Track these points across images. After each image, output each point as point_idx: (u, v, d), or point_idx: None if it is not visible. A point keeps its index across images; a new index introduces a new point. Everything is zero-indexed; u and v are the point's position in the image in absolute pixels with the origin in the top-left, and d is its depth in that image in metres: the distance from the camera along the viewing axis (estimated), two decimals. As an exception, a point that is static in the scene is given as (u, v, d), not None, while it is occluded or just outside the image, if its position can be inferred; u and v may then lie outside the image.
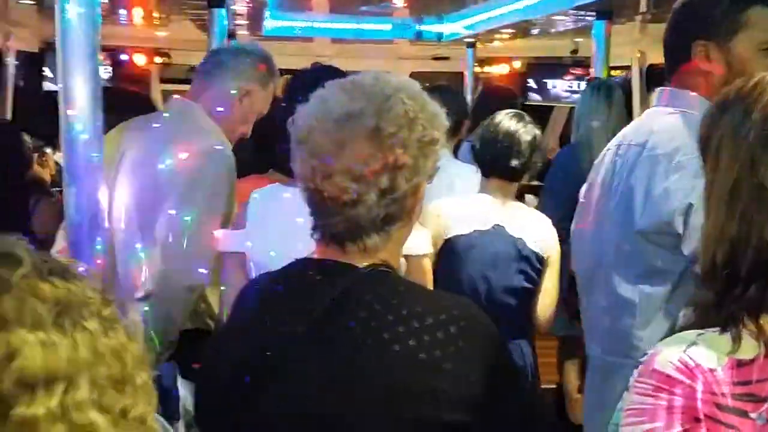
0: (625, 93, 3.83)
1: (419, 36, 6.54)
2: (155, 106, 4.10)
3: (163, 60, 7.63)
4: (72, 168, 1.77)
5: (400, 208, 1.25)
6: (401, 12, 6.23)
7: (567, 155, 3.75)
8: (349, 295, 1.22)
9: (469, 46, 6.62)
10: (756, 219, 1.05)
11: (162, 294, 2.21)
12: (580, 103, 3.78)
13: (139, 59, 7.47)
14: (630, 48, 5.94)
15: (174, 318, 2.27)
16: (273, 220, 1.96)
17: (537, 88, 7.73)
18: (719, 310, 1.06)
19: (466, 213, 2.63)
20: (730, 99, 1.13)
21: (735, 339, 1.03)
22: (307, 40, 7.46)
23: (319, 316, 1.21)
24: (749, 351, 1.03)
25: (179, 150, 2.24)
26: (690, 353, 1.03)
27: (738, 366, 1.03)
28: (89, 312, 0.81)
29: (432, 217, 2.57)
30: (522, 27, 5.63)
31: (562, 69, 7.69)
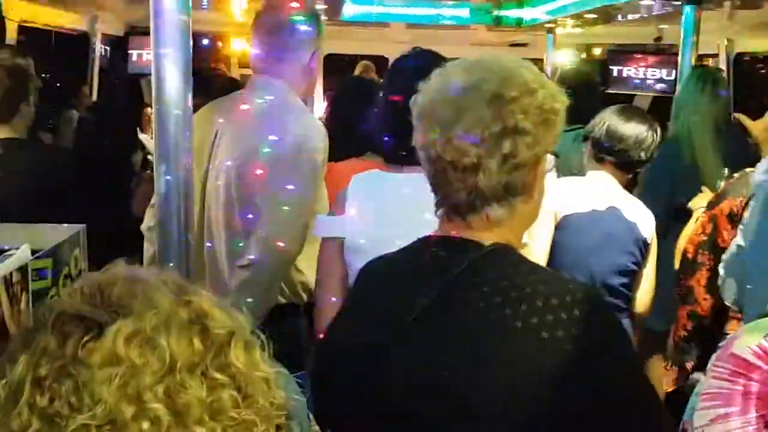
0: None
1: (498, 21, 6.47)
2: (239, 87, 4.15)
3: (244, 47, 7.76)
4: (163, 148, 1.80)
5: (521, 177, 1.25)
6: (479, -3, 6.17)
7: (669, 151, 3.56)
8: (473, 271, 1.22)
9: (549, 31, 6.51)
10: None
11: (261, 265, 2.25)
12: (681, 92, 3.67)
13: (219, 44, 7.62)
14: (717, 35, 5.75)
15: (271, 288, 2.31)
16: (375, 206, 1.96)
17: (618, 76, 7.54)
18: None
19: (583, 192, 2.74)
20: None
21: None
22: (383, 25, 7.48)
23: (443, 290, 1.22)
24: None
25: (277, 127, 2.26)
26: None
27: None
28: None
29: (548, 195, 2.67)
30: (604, 12, 5.49)
31: (644, 56, 7.48)
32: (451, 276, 1.22)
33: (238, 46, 8.25)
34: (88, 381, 0.79)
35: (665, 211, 2.49)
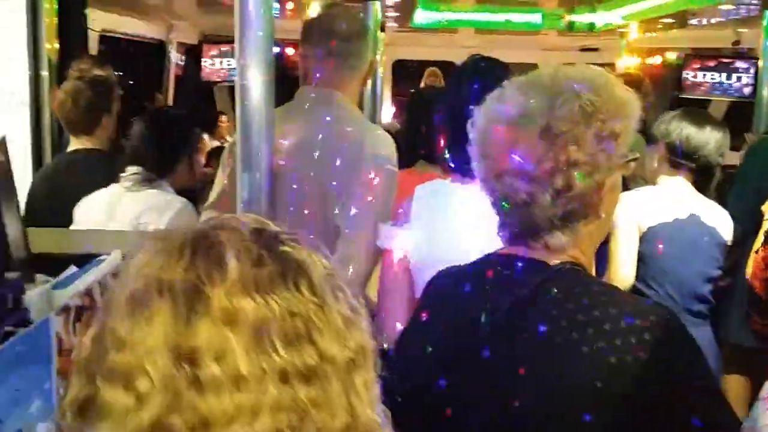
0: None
1: (570, 26, 6.38)
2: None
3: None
4: (245, 155, 1.84)
5: (581, 205, 1.21)
6: (550, 3, 6.10)
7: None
8: (539, 292, 1.20)
9: (622, 36, 6.40)
10: None
11: None
12: None
13: (289, 51, 7.72)
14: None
15: None
16: (441, 217, 1.94)
17: (693, 80, 7.36)
18: None
19: (664, 201, 2.73)
20: None
21: None
22: (452, 31, 7.46)
23: (508, 312, 1.20)
24: None
25: (343, 139, 2.20)
26: None
27: None
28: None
29: (625, 209, 2.65)
30: (681, 16, 5.37)
31: (722, 61, 7.28)
32: (517, 297, 1.20)
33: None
34: None
35: (751, 209, 2.48)
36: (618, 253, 2.65)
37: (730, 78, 7.18)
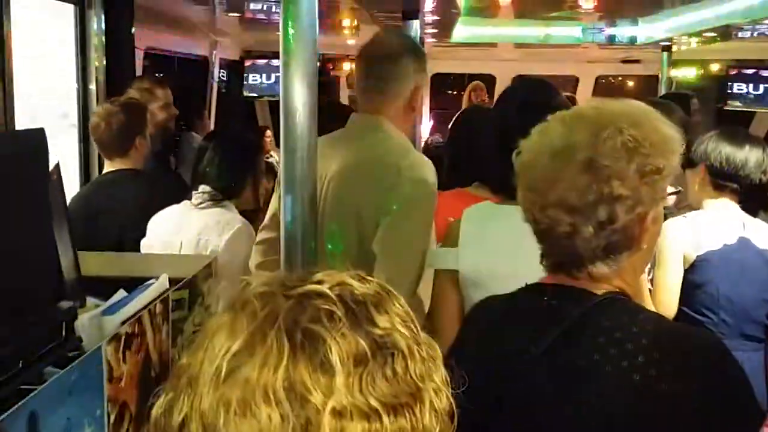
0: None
1: (611, 40, 6.33)
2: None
3: (352, 67, 7.91)
4: (289, 177, 1.85)
5: (624, 237, 1.23)
6: (590, 17, 6.05)
7: None
8: (587, 321, 1.21)
9: (665, 49, 6.33)
10: None
11: None
12: None
13: (329, 66, 7.80)
14: None
15: None
16: (489, 239, 1.95)
17: (737, 92, 7.24)
18: None
19: (711, 227, 2.68)
20: None
21: None
22: (491, 45, 7.44)
23: (555, 341, 1.21)
24: None
25: (382, 164, 2.23)
26: None
27: None
28: None
29: (672, 238, 2.65)
30: (724, 30, 5.30)
31: (765, 72, 7.15)
32: (564, 326, 1.21)
33: (347, 66, 8.42)
34: None
35: None
36: (663, 282, 2.63)
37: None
